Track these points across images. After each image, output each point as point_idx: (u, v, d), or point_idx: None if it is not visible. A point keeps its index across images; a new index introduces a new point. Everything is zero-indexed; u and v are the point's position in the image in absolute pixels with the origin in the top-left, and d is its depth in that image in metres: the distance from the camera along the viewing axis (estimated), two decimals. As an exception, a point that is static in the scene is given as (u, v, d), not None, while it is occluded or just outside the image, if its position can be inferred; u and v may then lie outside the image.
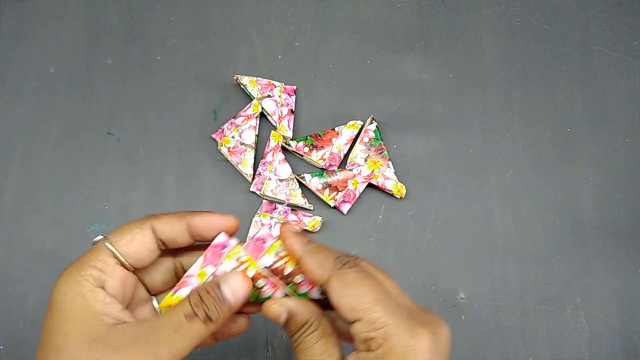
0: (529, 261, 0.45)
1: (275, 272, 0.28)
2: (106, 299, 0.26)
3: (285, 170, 0.45)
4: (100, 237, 0.28)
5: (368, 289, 0.25)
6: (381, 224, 0.46)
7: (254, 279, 0.28)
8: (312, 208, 0.45)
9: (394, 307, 0.25)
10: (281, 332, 0.43)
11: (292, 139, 0.47)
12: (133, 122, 0.48)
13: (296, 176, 0.45)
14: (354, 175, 0.44)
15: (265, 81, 0.48)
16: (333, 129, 0.47)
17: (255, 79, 0.48)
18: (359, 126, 0.47)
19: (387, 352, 0.24)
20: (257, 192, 0.45)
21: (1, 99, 0.48)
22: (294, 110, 0.48)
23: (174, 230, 0.28)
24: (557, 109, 0.50)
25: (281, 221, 0.30)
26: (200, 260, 0.28)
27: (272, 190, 0.44)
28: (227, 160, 0.47)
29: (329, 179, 0.44)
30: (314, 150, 0.46)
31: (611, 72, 0.51)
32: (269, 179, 0.45)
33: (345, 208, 0.45)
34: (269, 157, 0.45)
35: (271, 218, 0.32)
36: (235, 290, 0.27)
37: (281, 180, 0.45)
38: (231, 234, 0.29)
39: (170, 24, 0.51)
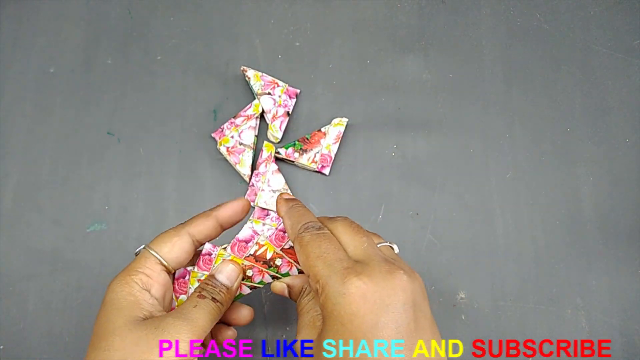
0: (528, 261, 0.45)
1: (258, 258, 0.34)
2: (150, 300, 0.31)
3: (278, 181, 0.45)
4: (142, 247, 0.33)
5: (314, 247, 0.29)
6: (381, 224, 0.46)
7: (242, 271, 0.34)
8: None
9: (334, 260, 0.28)
10: (281, 332, 0.43)
11: (281, 144, 0.47)
12: (133, 122, 0.48)
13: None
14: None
15: (269, 78, 0.48)
16: (319, 130, 0.47)
17: (260, 74, 0.48)
18: (345, 123, 0.47)
19: (325, 299, 0.27)
20: (251, 204, 0.45)
21: (1, 99, 0.48)
22: (290, 112, 0.48)
23: (207, 228, 0.33)
24: (557, 109, 0.50)
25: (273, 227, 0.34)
26: (195, 268, 0.34)
27: (265, 202, 0.44)
28: (227, 160, 0.47)
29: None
30: (304, 154, 0.46)
31: (611, 72, 0.51)
32: (262, 190, 0.45)
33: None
34: (262, 168, 0.45)
35: (264, 224, 0.33)
36: (228, 274, 0.33)
37: (274, 191, 0.45)
38: (247, 212, 0.35)
39: (171, 24, 0.51)
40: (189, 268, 0.34)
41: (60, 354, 0.42)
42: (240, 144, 0.46)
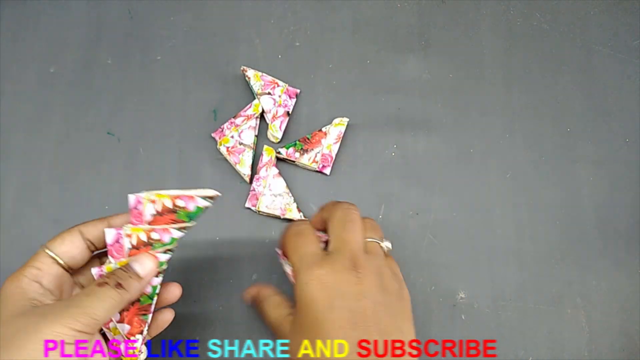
0: (528, 261, 0.45)
1: (138, 245, 0.33)
2: (40, 290, 0.31)
3: (279, 184, 0.45)
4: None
5: (293, 243, 0.35)
6: (381, 223, 0.46)
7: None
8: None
9: (308, 254, 0.33)
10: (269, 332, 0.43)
11: (282, 145, 0.47)
12: (133, 122, 0.48)
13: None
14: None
15: (269, 78, 0.48)
16: (320, 130, 0.47)
17: (260, 74, 0.48)
18: (345, 123, 0.47)
19: (296, 285, 0.33)
20: (252, 208, 0.45)
21: (1, 99, 0.48)
22: (290, 112, 0.48)
23: (98, 229, 0.33)
24: (557, 108, 0.50)
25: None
26: (109, 258, 0.33)
27: (267, 206, 0.44)
28: (227, 160, 0.47)
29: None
30: (305, 154, 0.46)
31: (611, 71, 0.51)
32: (263, 194, 0.45)
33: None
34: (262, 173, 0.45)
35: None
36: (143, 265, 0.33)
37: (275, 195, 0.45)
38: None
39: (171, 24, 0.51)
40: (121, 231, 0.33)
41: (60, 354, 0.42)
42: (240, 143, 0.46)
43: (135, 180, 0.46)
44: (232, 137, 0.46)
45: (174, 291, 0.36)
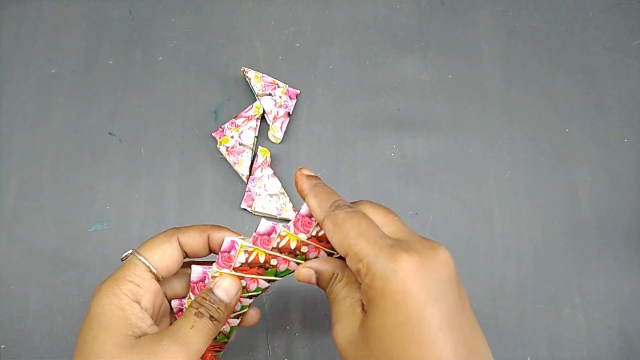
0: (527, 261, 0.46)
1: (282, 250, 0.31)
2: (140, 313, 0.29)
3: (274, 185, 0.45)
4: (129, 252, 0.31)
5: (353, 225, 0.27)
6: (381, 223, 0.46)
7: (267, 260, 0.31)
8: None
9: (377, 238, 0.26)
10: (281, 332, 0.43)
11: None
12: (134, 123, 0.48)
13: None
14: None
15: (270, 79, 0.48)
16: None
17: (260, 75, 0.48)
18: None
19: (372, 279, 0.25)
20: (248, 209, 0.45)
21: (3, 100, 0.48)
22: (290, 113, 0.48)
23: (198, 244, 0.31)
24: (555, 109, 0.50)
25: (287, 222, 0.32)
26: (214, 266, 0.31)
27: (262, 206, 0.45)
28: (227, 159, 0.47)
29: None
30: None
31: (610, 72, 0.51)
32: (259, 194, 0.45)
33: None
34: (257, 173, 0.45)
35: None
36: (227, 290, 0.31)
37: (271, 196, 0.45)
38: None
39: (171, 25, 0.51)
40: (237, 241, 0.31)
41: (62, 353, 0.42)
42: (240, 144, 0.46)
43: (136, 180, 0.47)
44: (232, 137, 0.46)
45: (254, 315, 0.34)
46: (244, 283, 0.32)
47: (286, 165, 0.47)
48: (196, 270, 0.31)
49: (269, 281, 0.32)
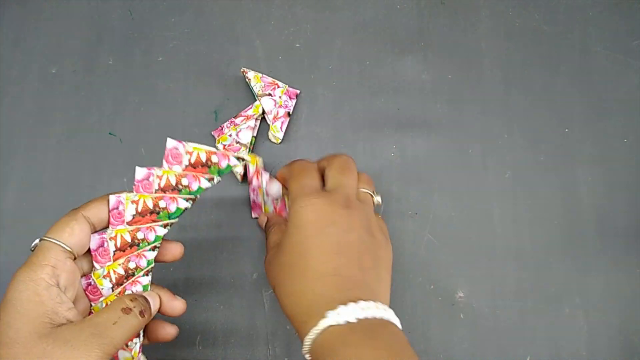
0: (527, 260, 0.46)
1: (165, 188, 0.34)
2: (57, 298, 0.29)
3: (275, 187, 0.44)
4: (37, 240, 0.31)
5: (297, 175, 0.37)
6: (381, 223, 0.46)
7: (155, 204, 0.33)
8: None
9: (308, 185, 0.36)
10: (281, 332, 0.43)
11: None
12: (135, 123, 0.48)
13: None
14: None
15: (269, 79, 0.48)
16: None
17: (260, 75, 0.48)
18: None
19: (289, 211, 0.35)
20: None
21: (3, 100, 0.48)
22: (290, 113, 0.48)
23: (102, 211, 0.32)
24: (555, 109, 0.50)
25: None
26: (109, 228, 0.33)
27: (271, 211, 0.44)
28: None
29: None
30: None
31: (610, 72, 0.51)
32: (265, 202, 0.44)
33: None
34: (255, 183, 0.44)
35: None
36: (154, 301, 0.33)
37: (275, 200, 0.44)
38: None
39: (172, 25, 0.51)
40: (104, 235, 0.32)
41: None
42: (237, 142, 0.46)
43: (136, 180, 0.47)
44: (230, 135, 0.46)
45: (177, 304, 0.35)
46: (141, 235, 0.33)
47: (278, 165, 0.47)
48: (93, 239, 0.32)
49: (164, 225, 0.34)
